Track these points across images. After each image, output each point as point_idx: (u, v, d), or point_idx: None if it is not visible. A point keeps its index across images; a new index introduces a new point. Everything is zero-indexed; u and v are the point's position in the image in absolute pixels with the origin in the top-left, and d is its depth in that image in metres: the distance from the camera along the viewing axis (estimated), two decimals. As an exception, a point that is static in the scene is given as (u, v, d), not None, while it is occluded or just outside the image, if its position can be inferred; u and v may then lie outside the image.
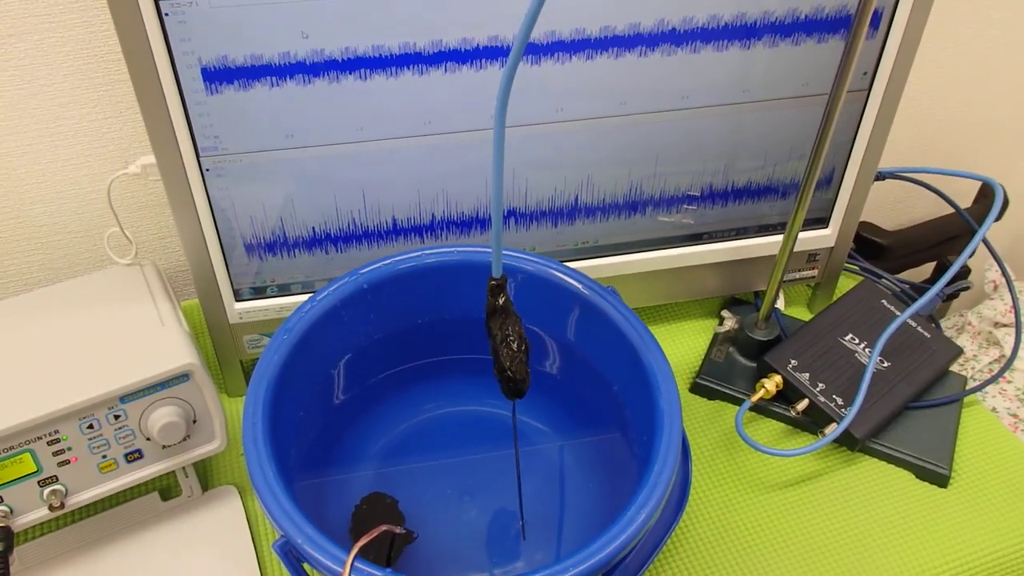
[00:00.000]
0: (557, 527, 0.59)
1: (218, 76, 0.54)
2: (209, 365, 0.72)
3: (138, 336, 0.59)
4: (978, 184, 1.04)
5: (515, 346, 0.46)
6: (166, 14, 0.50)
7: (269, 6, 0.52)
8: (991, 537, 0.63)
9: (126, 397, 0.55)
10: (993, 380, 0.73)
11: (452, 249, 0.60)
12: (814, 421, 0.68)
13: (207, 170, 0.58)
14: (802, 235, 0.74)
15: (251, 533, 0.61)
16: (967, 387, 0.72)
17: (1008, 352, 0.96)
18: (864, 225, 1.00)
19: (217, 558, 0.60)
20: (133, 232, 0.77)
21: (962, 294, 1.12)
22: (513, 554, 0.57)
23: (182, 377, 0.56)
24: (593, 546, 0.45)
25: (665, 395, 0.52)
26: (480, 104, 0.60)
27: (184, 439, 0.58)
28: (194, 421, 0.58)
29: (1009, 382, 0.94)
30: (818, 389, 0.67)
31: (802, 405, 0.67)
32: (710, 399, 0.73)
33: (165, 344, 0.57)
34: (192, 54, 0.52)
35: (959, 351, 0.72)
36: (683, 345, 0.78)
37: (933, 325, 0.74)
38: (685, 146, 0.66)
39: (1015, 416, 0.91)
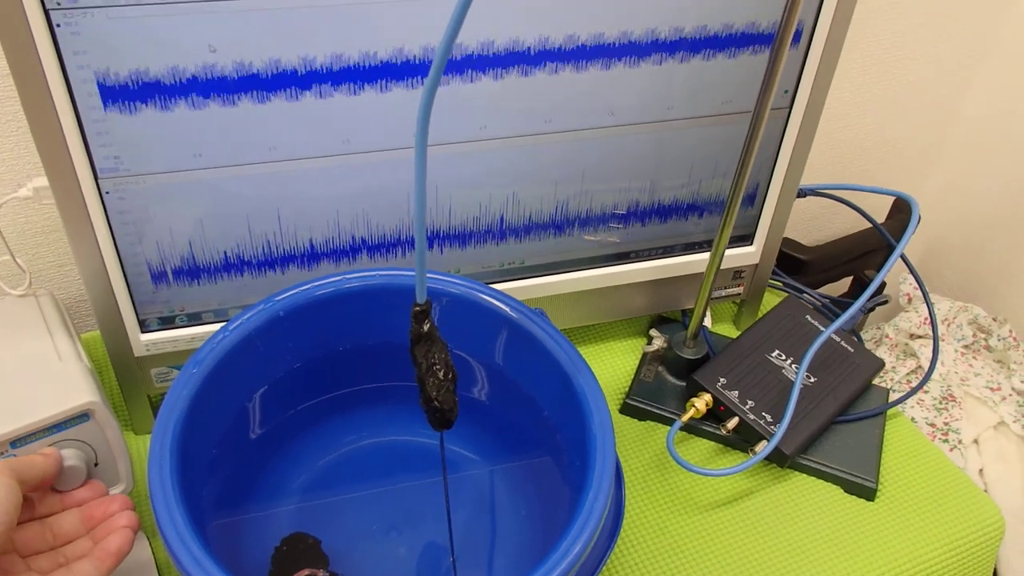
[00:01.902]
0: (490, 560, 0.57)
1: (118, 92, 0.50)
2: (114, 402, 0.68)
3: (32, 373, 0.54)
4: (891, 200, 1.07)
5: (441, 375, 0.44)
6: (58, 25, 0.47)
7: (171, 17, 0.49)
8: (917, 547, 0.64)
9: (17, 441, 0.50)
10: (914, 392, 0.74)
11: (373, 272, 0.58)
12: (745, 439, 0.68)
13: (107, 192, 0.54)
14: (727, 252, 0.73)
15: (161, 582, 0.57)
16: (889, 399, 0.73)
17: (924, 363, 0.98)
18: (784, 241, 1.01)
19: (123, 611, 0.55)
20: (28, 260, 0.72)
21: (878, 308, 1.15)
22: (444, 591, 0.55)
23: (81, 417, 0.52)
24: (527, 582, 0.43)
25: (597, 420, 0.50)
26: (399, 122, 0.58)
27: (85, 484, 0.54)
28: (96, 464, 0.54)
29: (926, 392, 0.96)
30: (747, 407, 0.67)
31: (732, 423, 0.67)
32: (641, 420, 0.72)
33: (62, 381, 0.53)
34: (87, 68, 0.49)
35: (881, 364, 0.73)
36: (612, 365, 0.77)
37: (855, 339, 0.75)
38: (611, 164, 0.66)
39: (932, 425, 0.93)
